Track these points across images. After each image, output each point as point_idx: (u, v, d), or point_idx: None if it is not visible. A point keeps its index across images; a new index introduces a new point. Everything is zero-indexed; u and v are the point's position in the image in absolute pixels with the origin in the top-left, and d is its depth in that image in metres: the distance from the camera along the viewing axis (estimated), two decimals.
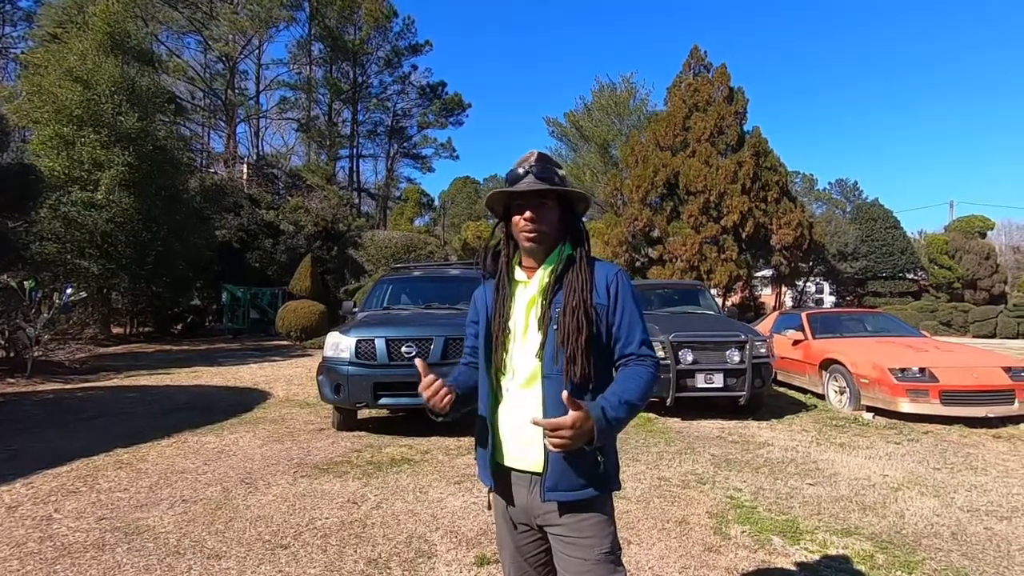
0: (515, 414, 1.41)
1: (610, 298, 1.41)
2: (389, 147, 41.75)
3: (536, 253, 1.45)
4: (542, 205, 1.42)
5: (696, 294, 8.23)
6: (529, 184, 1.40)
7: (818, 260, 24.98)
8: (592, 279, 1.41)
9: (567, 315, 1.35)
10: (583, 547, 1.35)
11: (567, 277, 1.41)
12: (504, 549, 1.53)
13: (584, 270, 1.41)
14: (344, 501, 3.62)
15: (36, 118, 13.96)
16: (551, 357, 1.36)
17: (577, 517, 1.36)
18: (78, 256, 13.53)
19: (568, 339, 1.34)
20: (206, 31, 31.16)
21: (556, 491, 1.33)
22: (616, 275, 1.44)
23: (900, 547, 3.00)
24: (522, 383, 1.41)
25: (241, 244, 20.04)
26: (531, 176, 1.41)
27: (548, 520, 1.38)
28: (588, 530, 1.35)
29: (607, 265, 1.48)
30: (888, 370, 6.17)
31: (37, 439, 5.20)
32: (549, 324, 1.37)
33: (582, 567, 1.34)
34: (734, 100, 20.18)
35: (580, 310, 1.35)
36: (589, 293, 1.38)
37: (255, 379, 9.04)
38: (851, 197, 53.55)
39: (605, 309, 1.40)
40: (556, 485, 1.33)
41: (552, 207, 1.44)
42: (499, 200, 1.49)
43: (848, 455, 4.83)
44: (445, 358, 5.13)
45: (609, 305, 1.41)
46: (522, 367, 1.41)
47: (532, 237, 1.42)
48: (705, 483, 4.03)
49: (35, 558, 2.79)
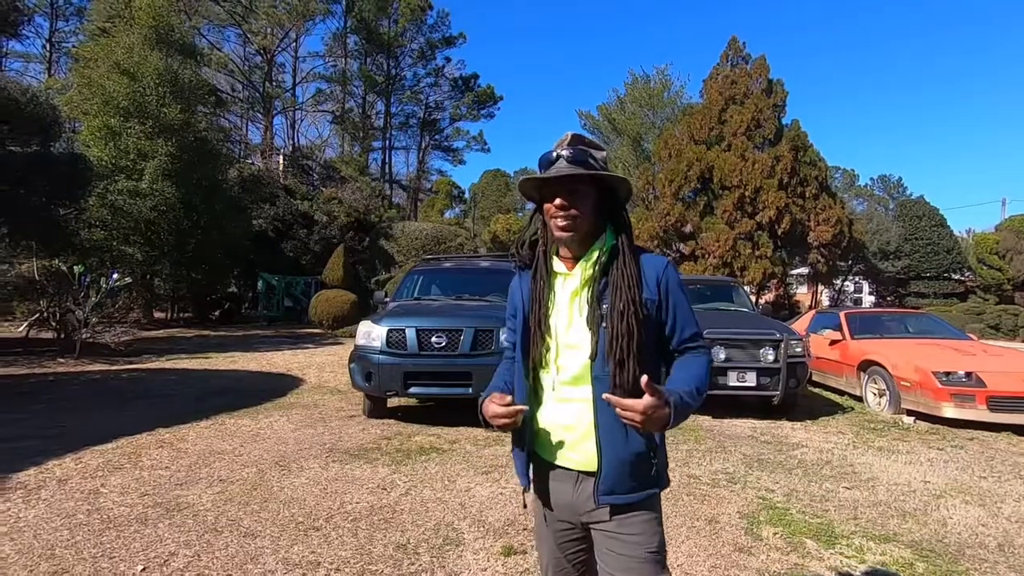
0: (562, 411, 1.35)
1: (660, 293, 1.35)
2: (421, 139, 42.08)
3: (570, 243, 1.36)
4: (575, 191, 1.32)
5: (730, 291, 8.06)
6: (560, 169, 1.31)
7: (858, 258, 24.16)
8: (640, 273, 1.33)
9: (615, 317, 1.28)
10: (630, 544, 1.30)
11: (612, 272, 1.33)
12: (543, 544, 1.47)
13: (630, 264, 1.32)
14: (374, 487, 3.69)
15: (86, 110, 14.54)
16: (603, 359, 1.29)
17: (626, 515, 1.31)
18: (123, 243, 14.07)
19: (617, 342, 1.27)
20: (245, 24, 31.86)
21: (612, 495, 1.28)
22: (666, 268, 1.37)
23: (942, 556, 2.89)
24: (568, 381, 1.34)
25: (276, 233, 20.50)
26: (563, 160, 1.32)
27: (595, 517, 1.33)
28: (636, 527, 1.31)
29: (655, 257, 1.39)
30: (932, 373, 5.94)
31: (84, 417, 5.44)
32: (599, 324, 1.30)
33: (628, 564, 1.29)
34: (773, 92, 19.60)
35: (630, 311, 1.28)
36: (638, 291, 1.31)
37: (288, 365, 9.26)
38: (894, 194, 51.66)
39: (655, 304, 1.34)
40: (612, 488, 1.28)
41: (587, 192, 1.34)
42: (533, 186, 1.41)
43: (887, 459, 4.67)
44: (475, 349, 5.16)
45: (659, 300, 1.34)
46: (569, 364, 1.34)
47: (564, 226, 1.32)
48: (736, 482, 3.96)
49: (84, 529, 2.93)
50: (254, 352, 10.91)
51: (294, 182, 24.78)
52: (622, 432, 1.26)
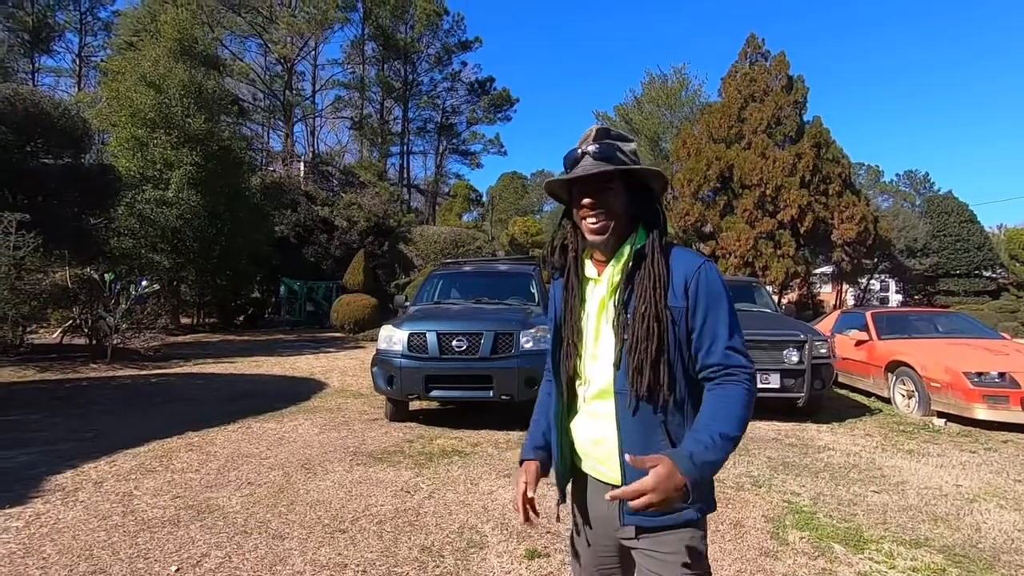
0: (592, 425, 1.30)
1: (688, 299, 1.21)
2: (438, 143, 42.33)
3: (603, 246, 1.27)
4: (605, 190, 1.24)
5: (752, 291, 7.96)
6: (586, 168, 1.22)
7: (883, 256, 23.59)
8: (667, 276, 1.22)
9: (636, 321, 1.20)
10: (666, 563, 1.21)
11: (638, 274, 1.23)
12: (581, 557, 1.40)
13: (658, 265, 1.22)
14: (398, 489, 3.73)
15: (114, 121, 14.97)
16: (624, 370, 1.21)
17: (657, 535, 1.21)
18: (151, 251, 14.42)
19: (636, 348, 1.18)
20: (266, 35, 32.44)
21: (636, 515, 1.18)
22: (699, 270, 1.23)
23: (976, 562, 2.83)
24: (595, 394, 1.29)
25: (298, 239, 20.82)
26: (589, 158, 1.23)
27: (625, 534, 1.25)
28: (671, 545, 1.21)
29: (689, 256, 1.26)
30: (963, 374, 5.79)
31: (117, 421, 5.60)
32: (623, 331, 1.22)
33: None
34: (793, 89, 19.31)
35: (650, 315, 1.18)
36: (662, 294, 1.20)
37: (311, 369, 9.40)
38: (921, 189, 50.46)
39: (682, 312, 1.21)
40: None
41: (618, 190, 1.25)
42: (560, 187, 1.34)
43: (917, 462, 4.57)
44: (495, 352, 5.19)
45: (688, 307, 1.21)
46: (596, 377, 1.28)
47: (595, 228, 1.25)
48: (761, 486, 3.91)
49: (119, 530, 3.02)
50: (278, 356, 11.10)
51: (314, 188, 25.13)
52: (644, 453, 1.14)
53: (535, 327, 5.32)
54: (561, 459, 1.36)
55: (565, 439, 1.35)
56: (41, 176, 10.15)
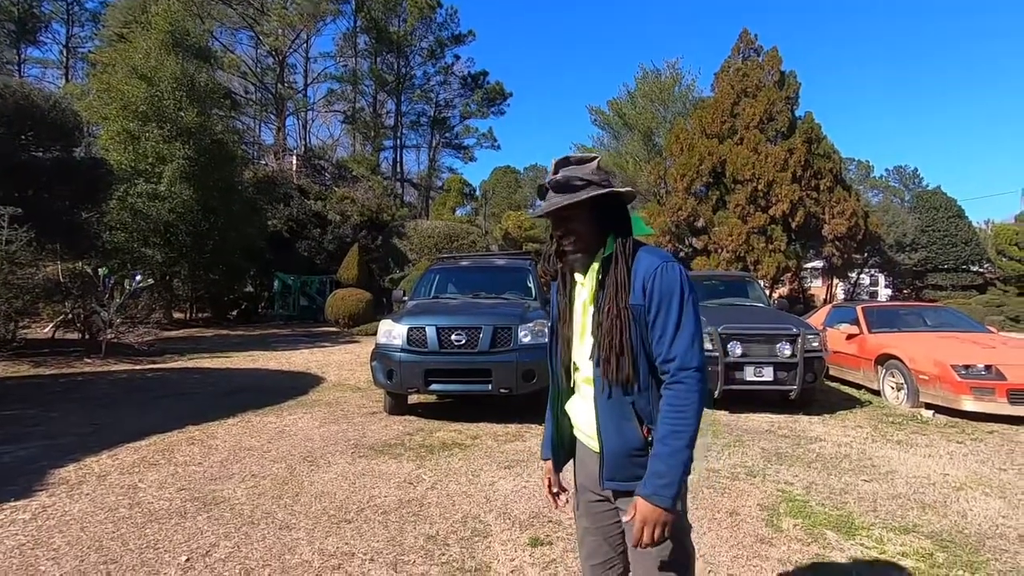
0: (582, 405, 1.55)
1: (646, 298, 1.35)
2: (431, 137, 42.18)
3: (576, 264, 1.48)
4: (568, 217, 1.42)
5: (745, 286, 8.06)
6: (548, 205, 1.41)
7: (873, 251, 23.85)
8: (628, 278, 1.37)
9: (604, 319, 1.37)
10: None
11: (608, 279, 1.40)
12: (580, 518, 1.61)
13: (620, 271, 1.38)
14: (401, 481, 3.79)
15: (105, 114, 14.82)
16: (597, 360, 1.42)
17: (630, 499, 1.38)
18: (143, 245, 14.34)
19: (603, 342, 1.37)
20: (257, 27, 32.12)
21: (613, 480, 1.43)
22: (656, 271, 1.35)
23: (962, 547, 2.93)
24: (583, 379, 1.53)
25: (291, 234, 20.72)
26: (551, 192, 1.43)
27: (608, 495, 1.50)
28: None
29: (650, 257, 1.39)
30: (950, 366, 5.92)
31: (116, 415, 5.61)
32: (598, 328, 1.40)
33: None
34: (785, 85, 19.42)
35: (613, 312, 1.35)
36: (625, 295, 1.36)
37: (307, 364, 9.42)
38: (910, 185, 50.98)
39: (642, 309, 1.35)
40: (613, 476, 1.43)
41: (578, 214, 1.41)
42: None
43: (906, 453, 4.69)
44: (494, 347, 5.25)
45: (645, 305, 1.35)
46: (583, 366, 1.52)
47: (567, 251, 1.46)
48: (755, 476, 4.01)
49: (127, 522, 3.06)
50: (273, 351, 11.10)
51: (307, 182, 24.99)
52: (616, 430, 1.40)
53: (533, 321, 5.38)
54: (555, 436, 1.63)
55: (563, 417, 1.61)
56: (32, 169, 10.06)
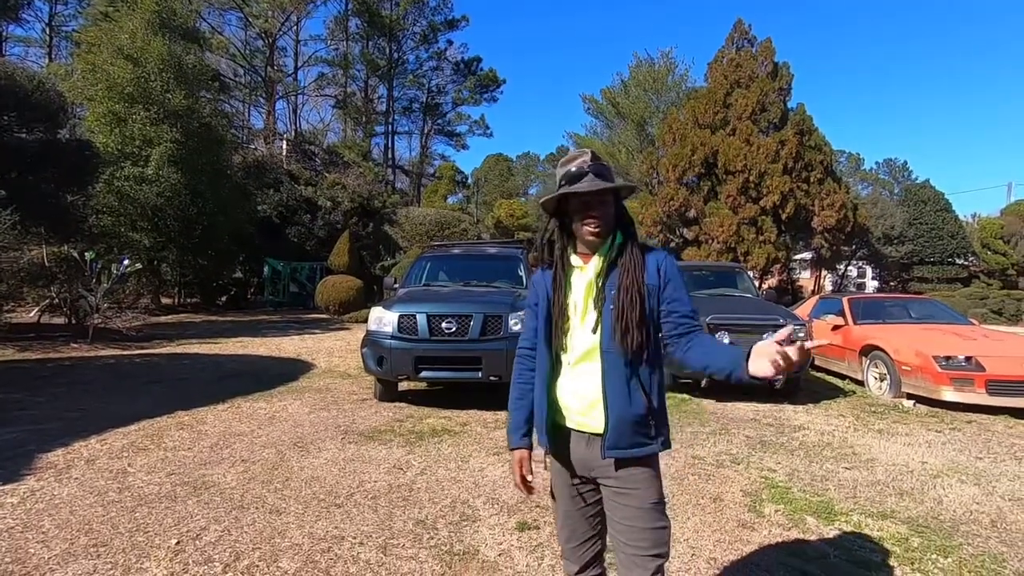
0: (577, 384, 1.58)
1: (660, 278, 1.58)
2: (423, 124, 41.88)
3: (596, 244, 1.60)
4: (603, 202, 1.57)
5: (734, 276, 8.14)
6: (592, 183, 1.54)
7: (861, 243, 24.12)
8: (643, 261, 1.58)
9: (622, 293, 1.52)
10: (634, 496, 1.53)
11: (621, 260, 1.57)
12: (560, 502, 1.68)
13: (636, 254, 1.58)
14: (390, 467, 3.82)
15: (90, 96, 14.52)
16: (608, 333, 1.52)
17: (629, 471, 1.54)
18: (131, 229, 14.15)
19: (623, 314, 1.50)
20: (246, 7, 31.57)
21: (616, 449, 1.51)
22: (666, 258, 1.63)
23: (937, 532, 3.02)
24: (581, 357, 1.57)
25: (281, 219, 20.55)
26: (591, 175, 1.55)
27: (604, 473, 1.56)
28: (639, 482, 1.54)
29: (656, 250, 1.66)
30: (932, 358, 6.04)
31: (104, 400, 5.59)
32: (604, 304, 1.54)
33: (632, 513, 1.53)
34: (778, 76, 19.45)
35: (634, 288, 1.52)
36: (642, 273, 1.55)
37: (298, 350, 9.41)
38: (900, 178, 51.41)
39: (656, 289, 1.57)
40: (616, 444, 1.51)
41: (610, 203, 1.60)
42: (557, 199, 1.62)
43: (886, 441, 4.80)
44: (484, 334, 5.27)
45: (659, 284, 1.57)
46: (579, 344, 1.57)
47: (596, 232, 1.57)
48: (739, 463, 4.09)
49: (117, 506, 3.07)
50: (262, 337, 11.07)
51: (297, 167, 24.73)
52: (626, 398, 1.51)
53: (523, 310, 5.40)
54: (547, 417, 1.62)
55: (552, 401, 1.62)
56: (16, 152, 9.88)
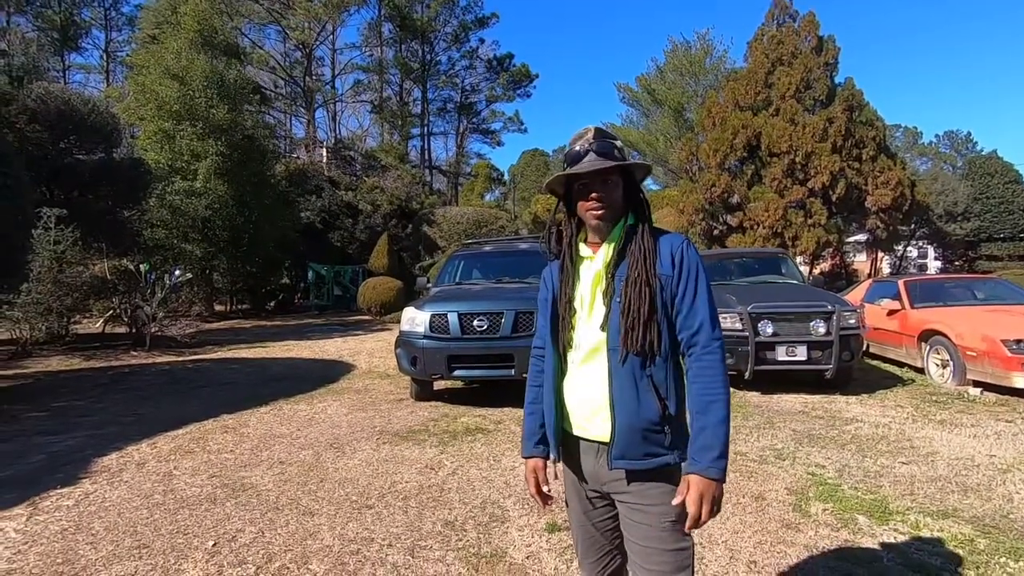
0: (583, 385, 1.43)
1: (675, 268, 1.39)
2: (458, 123, 42.15)
3: (603, 230, 1.46)
4: (606, 182, 1.42)
5: (778, 262, 7.78)
6: (592, 163, 1.39)
7: (921, 222, 22.74)
8: (655, 248, 1.40)
9: (629, 286, 1.36)
10: (650, 514, 1.36)
11: (629, 248, 1.41)
12: (573, 515, 1.57)
13: (646, 240, 1.40)
14: (422, 467, 3.83)
15: (141, 115, 15.33)
16: (616, 329, 1.36)
17: (643, 486, 1.37)
18: (183, 240, 14.85)
19: (629, 309, 1.34)
20: (284, 21, 32.54)
21: (623, 459, 1.35)
22: (682, 244, 1.42)
23: (1006, 532, 2.77)
24: (587, 354, 1.42)
25: (323, 225, 21.12)
26: (592, 154, 1.40)
27: (616, 488, 1.41)
28: (655, 499, 1.36)
29: (673, 235, 1.46)
30: (1000, 341, 5.59)
31: (157, 405, 5.86)
32: (613, 297, 1.38)
33: (648, 533, 1.36)
34: (823, 50, 18.49)
35: (642, 280, 1.35)
36: (652, 263, 1.38)
37: (340, 352, 9.62)
38: (962, 150, 48.24)
39: (669, 280, 1.38)
40: (624, 454, 1.34)
41: (615, 182, 1.44)
42: (560, 182, 1.50)
43: (949, 433, 4.47)
44: (516, 331, 5.22)
45: (673, 276, 1.39)
46: (585, 341, 1.43)
47: (599, 215, 1.43)
48: (785, 459, 3.89)
49: (161, 508, 3.19)
50: (307, 340, 11.39)
51: (338, 173, 25.37)
52: (635, 401, 1.33)
53: None
54: (556, 422, 1.48)
55: (559, 404, 1.48)
56: (75, 172, 10.50)
